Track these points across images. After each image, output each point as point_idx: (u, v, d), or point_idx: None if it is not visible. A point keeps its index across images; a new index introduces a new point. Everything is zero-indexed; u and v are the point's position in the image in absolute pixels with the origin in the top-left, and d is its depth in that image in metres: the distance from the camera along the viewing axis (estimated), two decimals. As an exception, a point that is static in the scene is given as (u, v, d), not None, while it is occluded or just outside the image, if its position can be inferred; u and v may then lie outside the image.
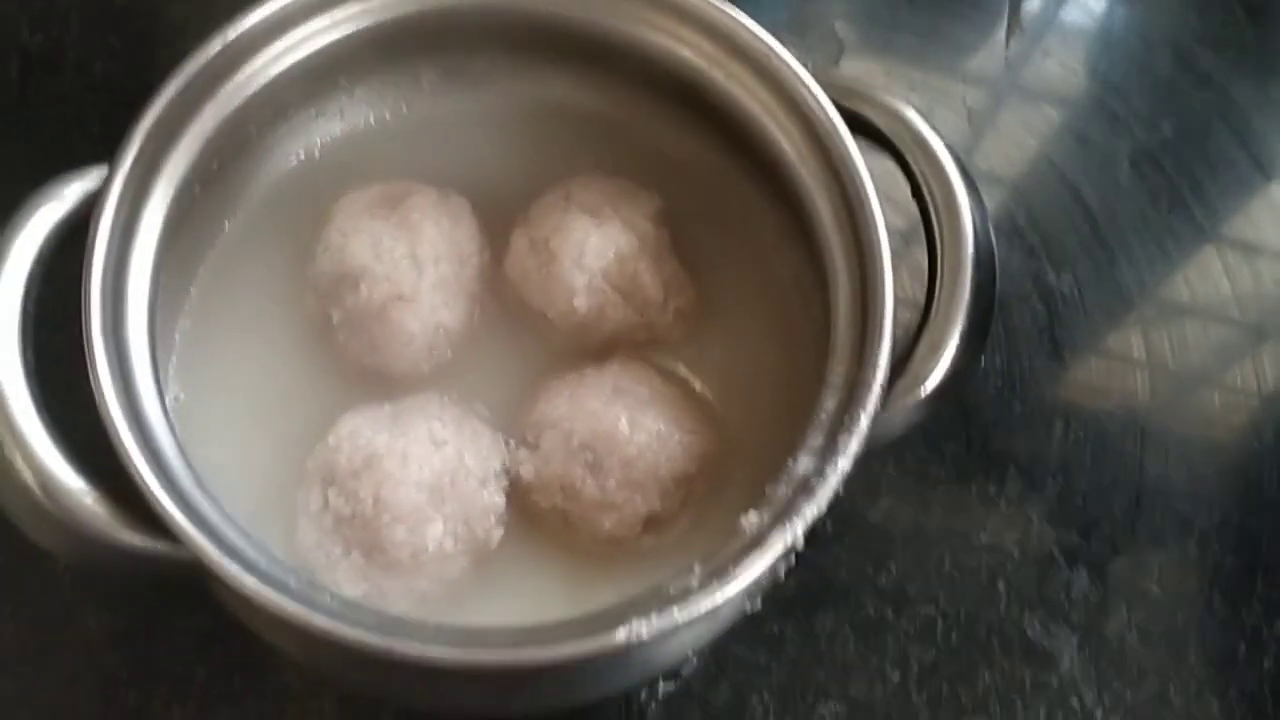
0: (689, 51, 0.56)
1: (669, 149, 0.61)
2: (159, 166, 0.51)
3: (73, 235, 0.48)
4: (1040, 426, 0.69)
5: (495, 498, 0.54)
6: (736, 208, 0.60)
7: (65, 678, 0.59)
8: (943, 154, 0.52)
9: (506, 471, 0.55)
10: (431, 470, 0.52)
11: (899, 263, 0.50)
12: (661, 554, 0.55)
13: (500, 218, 0.60)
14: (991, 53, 0.81)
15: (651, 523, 0.54)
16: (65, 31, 0.74)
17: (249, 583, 0.43)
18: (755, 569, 0.45)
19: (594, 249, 0.57)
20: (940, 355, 0.50)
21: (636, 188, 0.60)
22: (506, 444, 0.56)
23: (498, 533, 0.54)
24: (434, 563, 0.52)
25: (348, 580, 0.51)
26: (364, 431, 0.53)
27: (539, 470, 0.54)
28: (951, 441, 0.67)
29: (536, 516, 0.55)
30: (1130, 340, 0.72)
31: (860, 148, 0.52)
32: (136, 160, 0.50)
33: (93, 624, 0.60)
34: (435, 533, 0.52)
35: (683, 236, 0.60)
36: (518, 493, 0.55)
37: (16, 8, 0.74)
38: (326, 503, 0.52)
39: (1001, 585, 0.64)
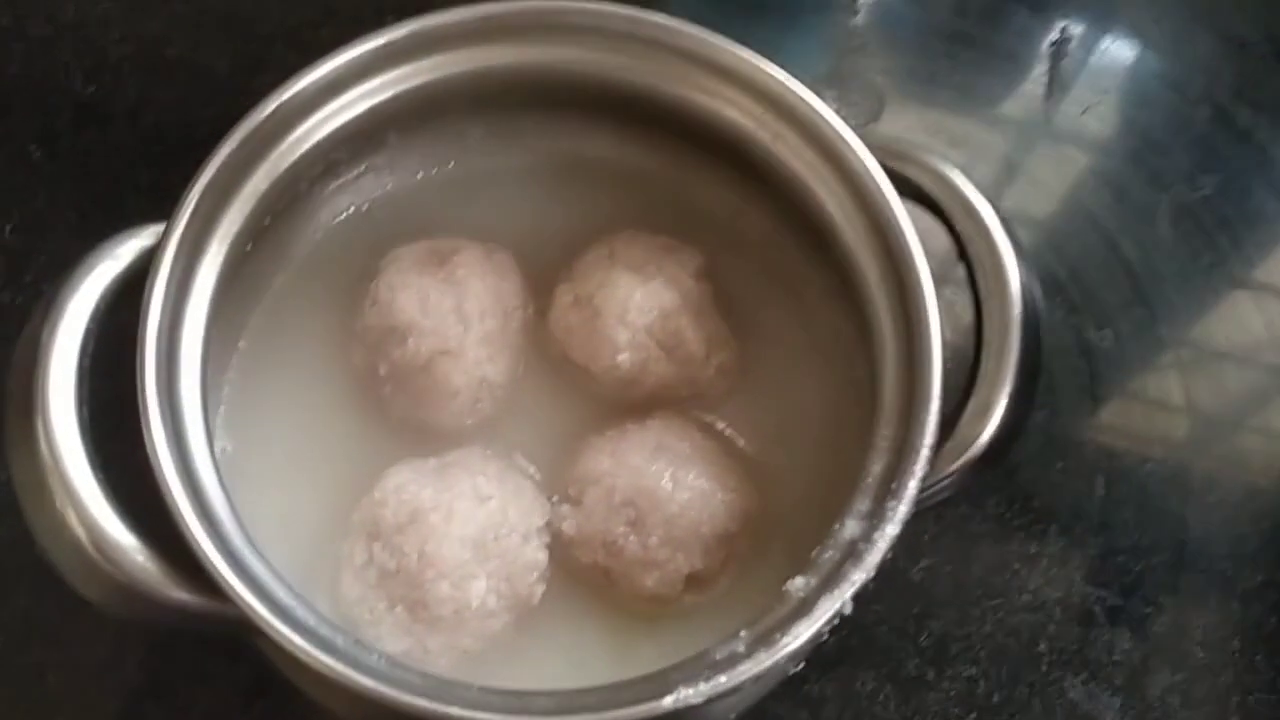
0: (735, 112, 0.56)
1: (713, 207, 0.61)
2: (214, 224, 0.52)
3: (127, 290, 0.49)
4: (1082, 484, 0.68)
5: (538, 554, 0.54)
6: (780, 266, 0.60)
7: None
8: (989, 217, 0.52)
9: (549, 527, 0.55)
10: (476, 526, 0.52)
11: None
12: (703, 613, 0.55)
13: (544, 273, 0.61)
14: (1029, 109, 0.81)
15: (693, 581, 0.54)
16: (117, 82, 0.75)
17: (298, 643, 0.43)
18: (802, 636, 0.45)
19: (637, 305, 0.57)
20: (988, 418, 0.50)
21: (680, 244, 0.60)
22: (549, 499, 0.56)
23: (540, 589, 0.54)
24: (477, 619, 0.52)
25: (391, 636, 0.51)
26: (409, 486, 0.53)
27: (581, 526, 0.54)
28: (993, 498, 0.67)
29: (578, 572, 0.55)
30: (1170, 395, 0.72)
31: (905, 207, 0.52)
32: (192, 218, 0.50)
33: (135, 673, 0.60)
34: (479, 589, 0.52)
35: (725, 294, 0.60)
36: (559, 548, 0.55)
37: (70, 56, 0.75)
38: (371, 557, 0.52)
39: (1043, 645, 0.63)
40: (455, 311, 0.57)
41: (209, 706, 0.60)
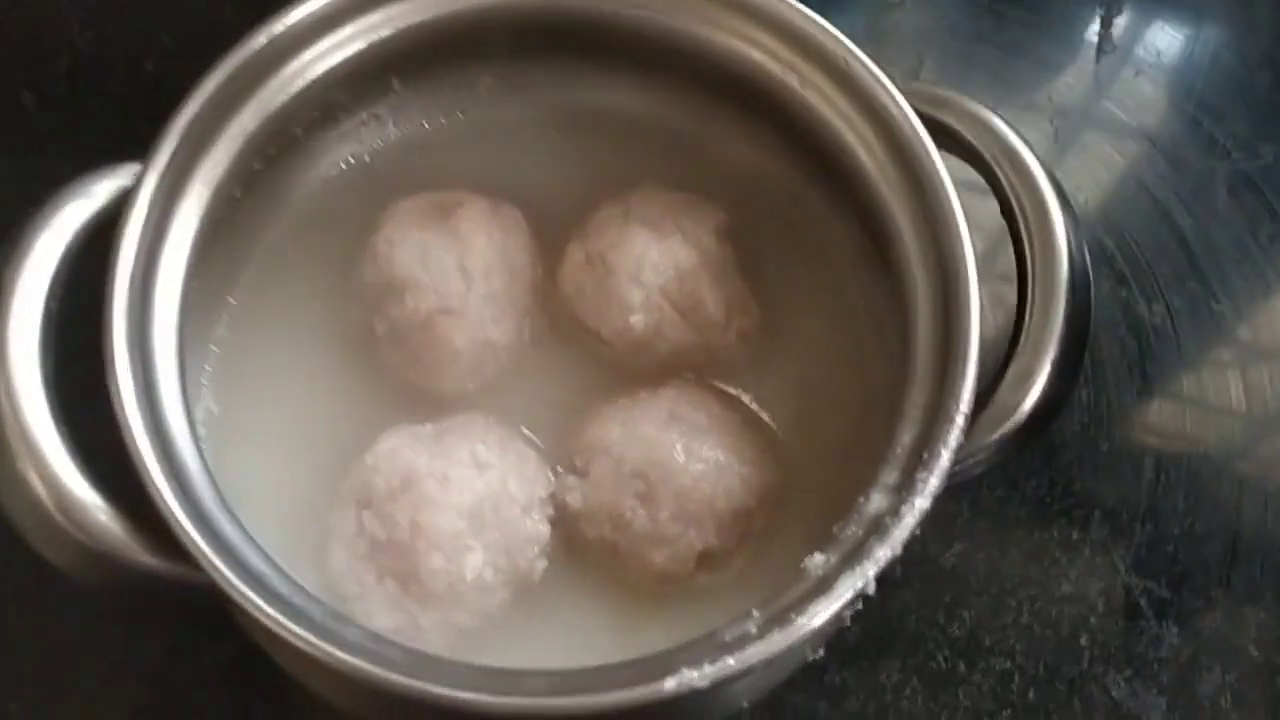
0: (760, 54, 0.53)
1: (737, 161, 0.58)
2: (195, 164, 0.49)
3: (102, 235, 0.46)
4: (1128, 467, 0.65)
5: (540, 527, 0.51)
6: (808, 224, 0.57)
7: (85, 705, 0.57)
8: (1035, 167, 0.49)
9: (552, 499, 0.52)
10: (473, 495, 0.49)
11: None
12: (717, 593, 0.52)
13: (555, 231, 0.58)
14: (1079, 70, 0.77)
15: (706, 559, 0.51)
16: (117, 29, 0.72)
17: (269, 612, 0.40)
18: (820, 616, 0.41)
19: (653, 264, 0.54)
20: (1030, 386, 0.46)
21: (701, 201, 0.57)
22: (554, 470, 0.53)
23: (541, 564, 0.51)
24: (472, 594, 0.49)
25: (380, 610, 0.49)
26: (403, 452, 0.51)
27: (587, 497, 0.52)
28: (1033, 480, 0.63)
29: (583, 547, 0.52)
30: (1226, 376, 0.68)
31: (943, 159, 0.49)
32: (172, 157, 0.47)
33: (115, 650, 0.57)
34: (474, 562, 0.49)
35: (749, 254, 0.57)
36: (564, 521, 0.52)
37: (68, 2, 0.73)
38: (361, 526, 0.49)
39: (1084, 639, 0.60)
40: (458, 268, 0.54)
41: (192, 685, 0.57)
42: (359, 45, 0.53)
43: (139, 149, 0.61)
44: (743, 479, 0.51)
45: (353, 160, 0.58)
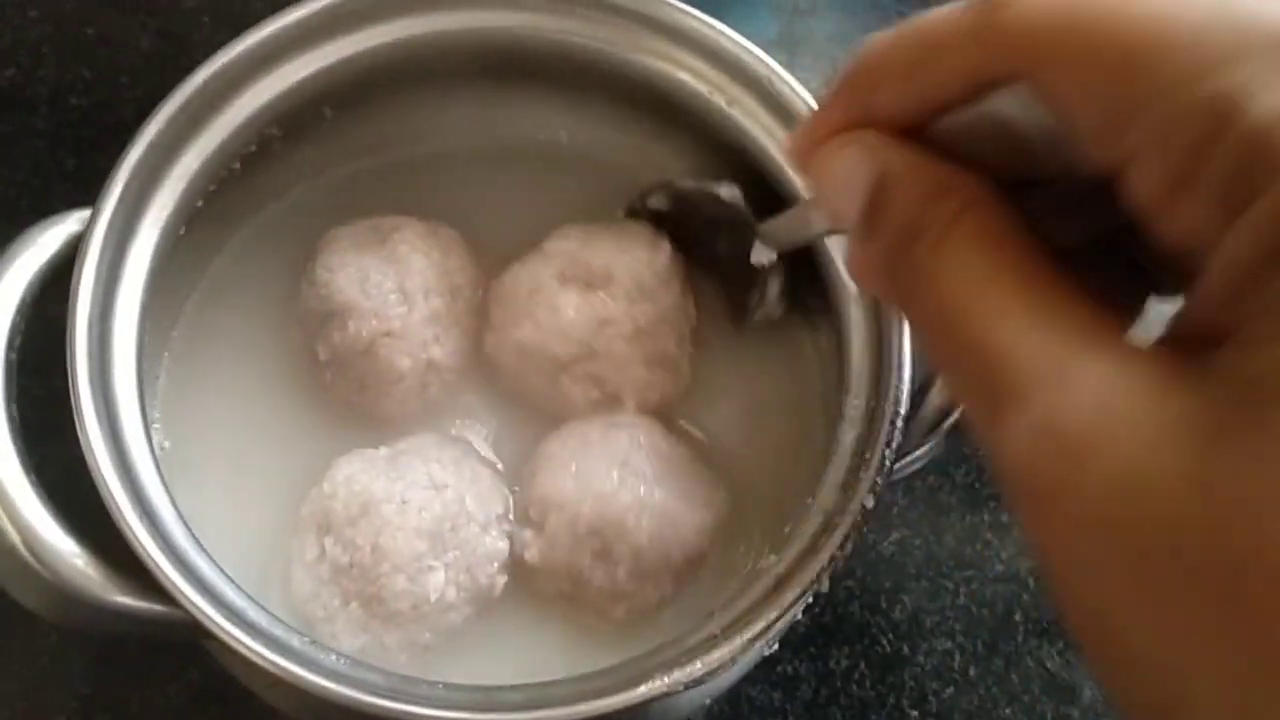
0: (687, 75, 0.54)
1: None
2: (143, 207, 0.49)
3: (55, 280, 0.46)
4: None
5: (498, 543, 0.52)
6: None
7: (53, 740, 0.57)
8: None
9: (509, 515, 0.53)
10: (432, 516, 0.50)
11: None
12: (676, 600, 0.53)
13: (495, 258, 0.58)
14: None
15: (664, 602, 0.52)
16: (38, 65, 0.71)
17: (253, 647, 0.41)
18: (776, 614, 0.43)
19: (581, 322, 0.54)
20: None
21: (638, 231, 0.57)
22: (510, 489, 0.54)
23: (501, 580, 0.52)
24: (436, 613, 0.50)
25: (346, 632, 0.49)
26: (359, 477, 0.51)
27: (545, 555, 0.51)
28: (963, 467, 0.65)
29: (542, 597, 0.53)
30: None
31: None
32: (120, 201, 0.48)
33: (80, 683, 0.57)
34: (437, 581, 0.49)
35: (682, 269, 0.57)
36: (521, 574, 0.52)
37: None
38: (323, 552, 0.50)
39: (1019, 616, 0.62)
40: (397, 290, 0.54)
41: (160, 713, 0.57)
42: (292, 80, 0.53)
43: (67, 186, 0.62)
44: (696, 529, 0.51)
45: (290, 191, 0.58)
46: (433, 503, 0.50)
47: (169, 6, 0.73)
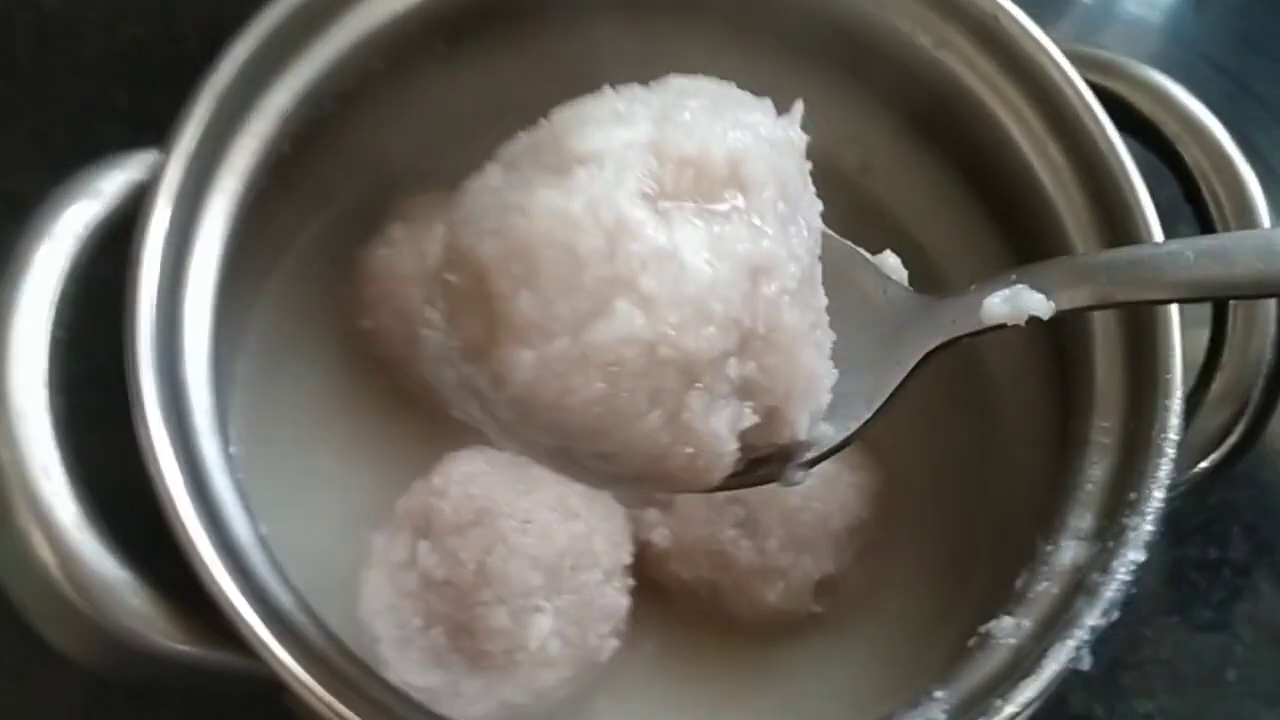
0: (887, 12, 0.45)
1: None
2: (224, 151, 0.42)
3: (112, 238, 0.38)
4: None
5: (619, 599, 0.45)
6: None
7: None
8: (1229, 147, 0.43)
9: (633, 567, 0.46)
10: (555, 547, 0.43)
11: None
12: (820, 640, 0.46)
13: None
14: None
15: (824, 587, 0.46)
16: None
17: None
18: (1026, 697, 0.35)
19: None
20: (1238, 406, 0.40)
21: None
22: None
23: (612, 644, 0.44)
24: (530, 666, 0.42)
25: (417, 664, 0.42)
26: (479, 479, 0.44)
27: (677, 535, 0.46)
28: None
29: (674, 593, 0.47)
30: None
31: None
32: (200, 142, 0.40)
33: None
34: (541, 628, 0.42)
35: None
36: (647, 566, 0.46)
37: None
38: (414, 557, 0.43)
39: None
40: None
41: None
42: (403, 4, 0.45)
43: (121, 128, 0.55)
44: (855, 488, 0.47)
45: (395, 140, 0.50)
46: (558, 531, 0.43)
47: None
